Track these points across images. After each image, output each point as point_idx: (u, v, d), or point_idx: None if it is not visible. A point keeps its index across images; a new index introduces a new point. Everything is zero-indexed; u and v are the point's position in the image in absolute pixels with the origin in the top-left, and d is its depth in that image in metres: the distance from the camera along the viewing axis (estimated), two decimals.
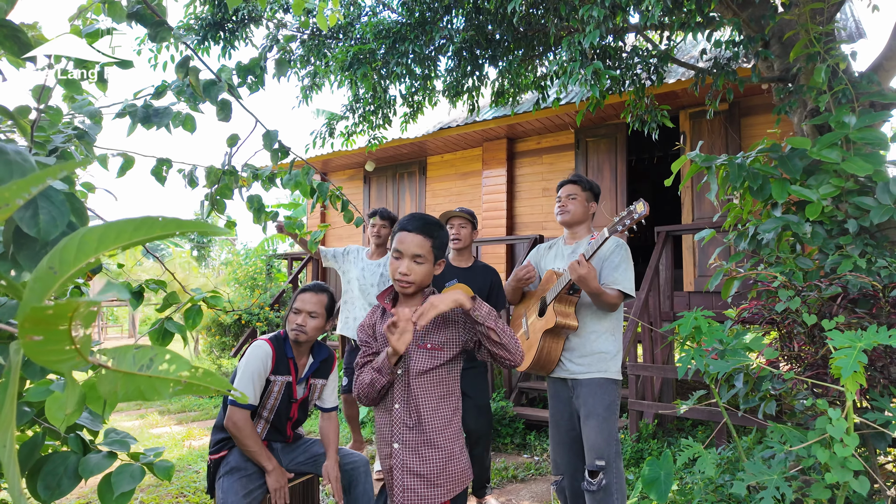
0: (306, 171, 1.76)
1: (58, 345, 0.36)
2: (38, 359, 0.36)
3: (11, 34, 1.14)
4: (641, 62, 3.85)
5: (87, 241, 0.37)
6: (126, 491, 1.08)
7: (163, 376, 0.42)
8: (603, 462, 2.26)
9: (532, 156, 7.14)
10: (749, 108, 5.63)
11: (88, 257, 0.37)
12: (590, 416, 2.31)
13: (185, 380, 0.42)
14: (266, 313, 7.34)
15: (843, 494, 1.66)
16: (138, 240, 0.39)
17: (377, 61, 4.11)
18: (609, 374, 2.36)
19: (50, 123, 1.37)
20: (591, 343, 2.38)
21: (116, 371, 0.41)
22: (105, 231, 0.38)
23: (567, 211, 2.54)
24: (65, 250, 0.37)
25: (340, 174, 8.98)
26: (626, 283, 2.35)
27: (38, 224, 0.76)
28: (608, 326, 2.42)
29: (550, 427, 2.53)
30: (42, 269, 0.36)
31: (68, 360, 0.38)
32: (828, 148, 2.25)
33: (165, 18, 1.56)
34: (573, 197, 2.55)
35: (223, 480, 2.18)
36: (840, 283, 2.08)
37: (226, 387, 0.43)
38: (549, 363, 2.43)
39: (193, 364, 0.42)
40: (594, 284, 2.22)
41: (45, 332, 0.35)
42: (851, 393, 1.59)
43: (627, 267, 2.38)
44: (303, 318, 2.29)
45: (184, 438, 4.84)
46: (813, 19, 2.70)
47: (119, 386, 0.41)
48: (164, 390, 0.42)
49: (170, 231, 0.39)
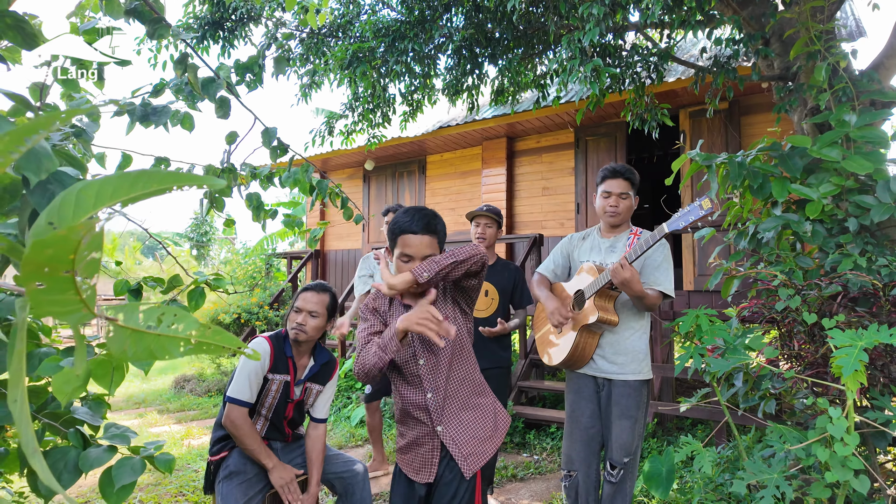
0: (305, 168, 1.76)
1: (62, 293, 0.36)
2: (43, 310, 0.36)
3: (16, 24, 1.13)
4: (641, 60, 3.85)
5: (84, 195, 0.36)
6: (127, 484, 1.07)
7: (172, 334, 0.41)
8: (629, 458, 2.30)
9: (532, 155, 7.14)
10: (749, 107, 5.62)
11: (87, 212, 0.36)
12: (623, 416, 2.31)
13: (194, 338, 0.41)
14: (265, 312, 7.33)
15: (843, 493, 1.66)
16: (137, 194, 0.38)
17: (376, 59, 4.10)
18: (642, 376, 2.34)
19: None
20: (625, 340, 2.35)
21: (125, 328, 0.40)
22: (103, 185, 0.37)
23: (619, 213, 2.40)
24: (63, 205, 0.36)
25: (340, 173, 8.97)
26: (667, 284, 2.29)
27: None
28: (643, 324, 2.39)
29: (568, 422, 2.49)
30: (41, 225, 0.35)
31: (74, 312, 0.37)
32: (828, 146, 2.24)
33: (163, 15, 1.55)
34: (625, 196, 2.40)
35: (222, 485, 2.16)
36: (840, 281, 2.07)
37: (235, 344, 0.42)
38: (583, 359, 2.39)
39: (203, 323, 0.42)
40: (637, 288, 2.13)
41: (48, 278, 0.35)
42: (852, 392, 1.58)
43: (669, 266, 2.32)
44: (303, 318, 2.27)
45: (183, 437, 4.83)
46: (813, 17, 2.70)
47: (129, 345, 0.40)
48: (174, 349, 0.41)
49: (167, 184, 0.38)
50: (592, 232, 2.59)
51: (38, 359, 1.07)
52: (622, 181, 2.42)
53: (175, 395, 6.84)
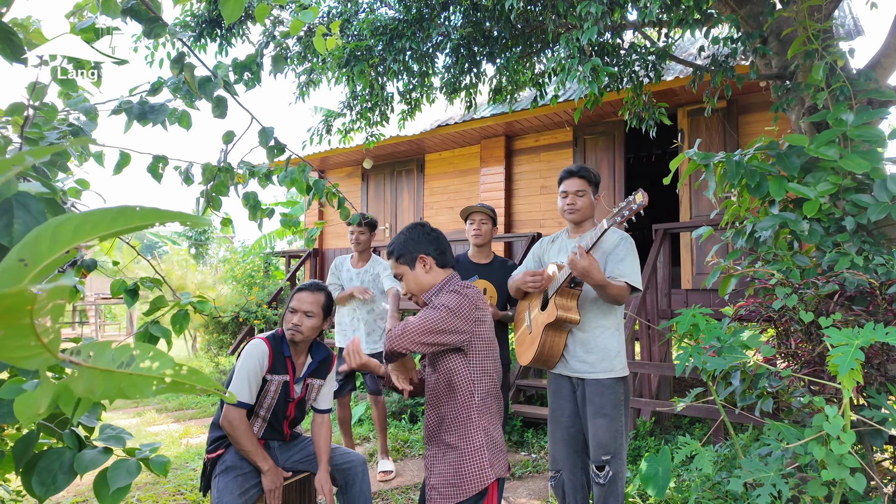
0: (302, 168, 1.76)
1: (21, 340, 0.34)
2: (2, 355, 0.34)
3: (5, 36, 1.13)
4: (639, 59, 3.85)
5: (61, 231, 0.35)
6: (122, 486, 1.07)
7: (145, 374, 0.40)
8: (609, 456, 2.28)
9: (530, 153, 7.14)
10: (747, 106, 5.63)
11: (63, 248, 0.35)
12: (598, 414, 2.30)
13: (168, 378, 0.40)
14: (263, 311, 7.33)
15: (839, 491, 1.67)
16: (116, 230, 0.37)
17: (374, 58, 4.10)
18: (615, 373, 2.33)
19: (45, 120, 1.36)
20: (595, 339, 2.34)
21: (93, 369, 0.39)
22: (81, 221, 0.36)
23: (577, 209, 2.45)
24: (38, 241, 0.34)
25: (338, 172, 8.96)
26: (633, 276, 2.27)
27: (10, 234, 0.73)
28: (614, 322, 2.38)
29: (550, 422, 2.50)
30: (11, 260, 0.34)
31: (34, 357, 0.35)
32: (825, 145, 2.25)
33: (160, 14, 1.55)
34: (582, 193, 2.44)
35: (219, 479, 2.17)
36: (837, 280, 2.08)
37: (212, 386, 0.41)
38: (552, 358, 2.40)
39: (178, 362, 0.41)
40: (598, 276, 2.13)
41: (5, 325, 0.33)
42: (848, 390, 1.59)
43: (633, 260, 2.32)
44: (299, 318, 2.27)
45: (181, 436, 4.83)
46: (811, 16, 2.70)
47: (97, 384, 0.39)
48: (146, 389, 0.40)
49: (148, 221, 0.38)
50: (561, 234, 2.60)
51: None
52: (577, 179, 2.46)
53: (173, 393, 6.84)
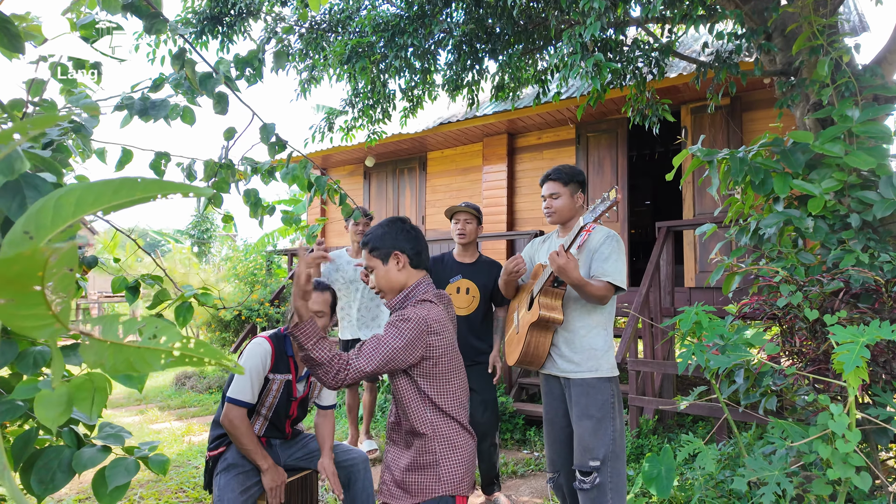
0: (304, 164, 1.75)
1: (32, 308, 0.34)
2: (13, 324, 0.34)
3: (1, 26, 1.12)
4: (643, 55, 3.83)
5: (63, 203, 0.35)
6: (120, 485, 1.06)
7: (153, 347, 0.39)
8: (597, 462, 2.19)
9: (532, 151, 7.12)
10: (751, 103, 5.60)
11: (66, 221, 0.35)
12: (583, 416, 2.25)
13: (176, 350, 0.40)
14: (266, 309, 7.33)
15: (844, 490, 1.65)
16: (118, 202, 0.36)
17: (376, 55, 4.08)
18: (601, 373, 2.28)
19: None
20: (580, 338, 2.31)
21: (103, 341, 0.39)
22: (83, 193, 0.35)
23: (553, 212, 2.47)
24: (41, 213, 0.34)
25: (340, 170, 8.95)
26: (616, 275, 2.24)
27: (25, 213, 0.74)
28: (599, 321, 2.33)
29: (545, 424, 2.47)
30: (16, 233, 0.33)
31: (46, 327, 0.35)
32: (830, 142, 2.23)
33: (161, 10, 1.54)
34: (556, 196, 2.46)
35: (220, 477, 2.17)
36: (842, 277, 2.06)
37: (220, 357, 0.41)
38: (538, 358, 2.37)
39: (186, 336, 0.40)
40: (575, 275, 2.12)
41: (16, 292, 0.33)
42: (853, 388, 1.57)
43: (618, 258, 2.29)
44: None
45: (183, 434, 4.84)
46: (816, 12, 2.68)
47: (107, 357, 0.39)
48: (155, 362, 0.40)
49: (151, 192, 0.37)
50: (552, 235, 2.60)
51: (31, 357, 1.05)
52: (550, 183, 2.49)
53: (176, 391, 6.85)
